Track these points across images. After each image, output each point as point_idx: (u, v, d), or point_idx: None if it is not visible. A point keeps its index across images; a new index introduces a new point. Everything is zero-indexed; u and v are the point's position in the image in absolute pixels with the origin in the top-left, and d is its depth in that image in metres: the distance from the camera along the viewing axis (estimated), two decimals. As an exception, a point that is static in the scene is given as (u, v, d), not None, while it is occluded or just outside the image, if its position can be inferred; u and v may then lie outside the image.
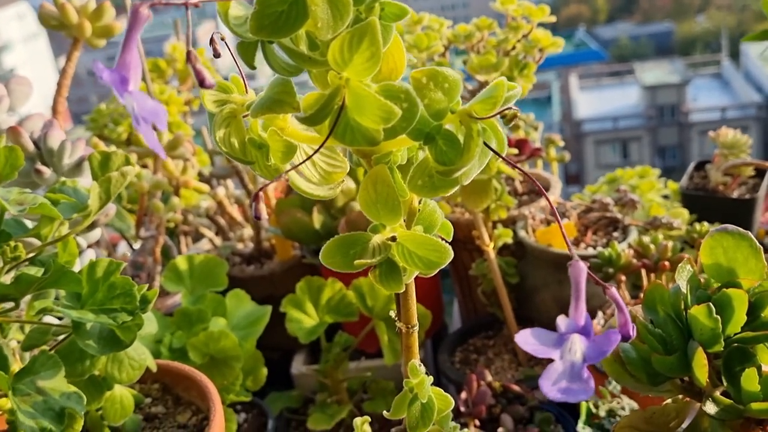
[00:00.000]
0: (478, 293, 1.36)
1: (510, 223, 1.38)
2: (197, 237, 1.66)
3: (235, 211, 1.64)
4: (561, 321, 0.49)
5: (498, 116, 0.56)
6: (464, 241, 1.45)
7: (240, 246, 1.59)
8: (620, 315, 0.51)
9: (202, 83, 0.43)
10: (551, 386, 0.50)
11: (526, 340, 0.50)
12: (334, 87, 0.53)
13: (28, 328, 0.87)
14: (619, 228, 1.33)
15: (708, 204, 1.42)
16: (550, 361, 0.50)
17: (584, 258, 1.19)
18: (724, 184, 1.44)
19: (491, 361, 1.34)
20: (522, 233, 1.33)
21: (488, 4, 1.41)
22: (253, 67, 0.57)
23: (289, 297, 1.27)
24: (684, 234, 1.27)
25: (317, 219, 1.36)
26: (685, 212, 1.40)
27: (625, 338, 0.50)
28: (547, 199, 0.55)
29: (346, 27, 0.52)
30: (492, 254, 1.27)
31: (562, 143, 1.72)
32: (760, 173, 1.47)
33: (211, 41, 0.58)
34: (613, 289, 0.51)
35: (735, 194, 1.43)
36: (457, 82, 0.56)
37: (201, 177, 1.65)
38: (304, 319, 1.27)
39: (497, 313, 1.35)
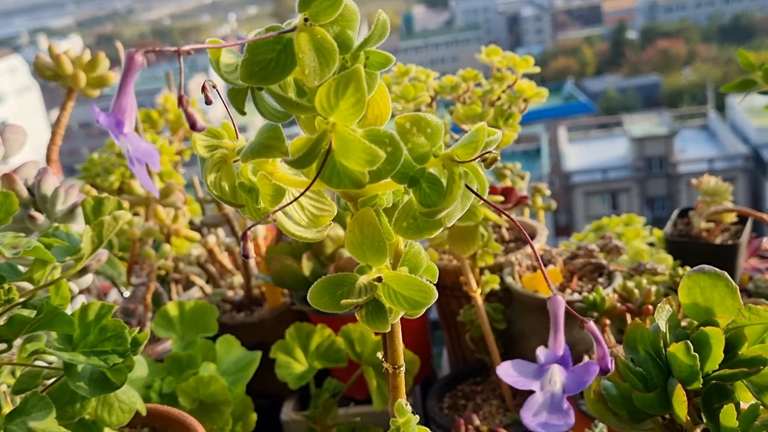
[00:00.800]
0: (467, 339, 1.37)
1: (497, 269, 1.40)
2: (188, 285, 1.67)
3: (225, 259, 1.66)
4: (540, 352, 0.51)
5: (479, 160, 0.59)
6: (452, 288, 1.46)
7: (230, 293, 1.60)
8: (599, 348, 0.52)
9: (193, 126, 0.45)
10: (532, 418, 0.51)
11: (507, 372, 0.52)
12: (321, 131, 0.55)
13: (18, 372, 0.88)
14: (604, 274, 1.35)
15: (692, 250, 1.44)
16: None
17: (570, 303, 1.21)
18: (708, 230, 1.47)
19: (479, 406, 1.35)
20: (509, 279, 1.34)
21: (476, 62, 1.45)
22: (243, 113, 0.60)
23: (279, 343, 1.28)
24: (668, 279, 1.29)
25: (307, 266, 1.38)
26: (669, 258, 1.42)
27: (604, 371, 0.52)
28: (530, 244, 0.57)
29: (332, 74, 0.54)
30: (479, 300, 1.28)
31: (548, 192, 1.75)
32: (742, 220, 1.50)
33: (203, 88, 0.60)
34: (591, 323, 0.52)
35: (718, 240, 1.45)
36: (440, 127, 0.58)
37: (192, 226, 1.67)
38: (294, 364, 1.28)
39: (485, 359, 1.36)
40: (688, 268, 1.23)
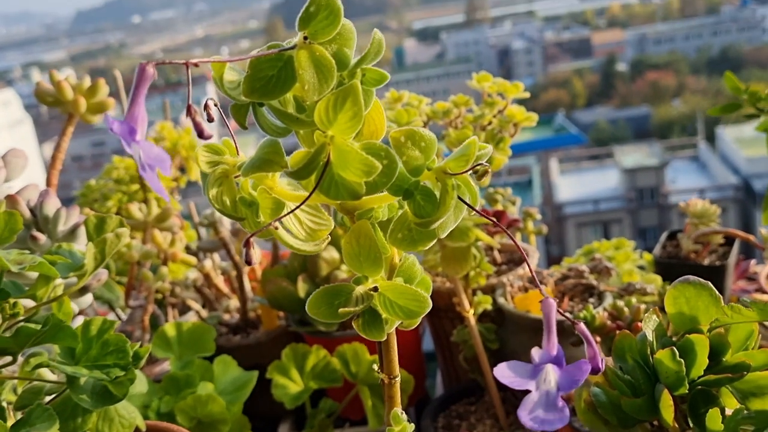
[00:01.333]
0: (460, 360, 1.39)
1: (489, 291, 1.42)
2: (184, 309, 1.69)
3: (221, 283, 1.68)
4: (535, 352, 0.53)
5: (471, 172, 0.61)
6: (445, 309, 1.49)
7: (226, 317, 1.62)
8: (589, 349, 0.55)
9: (201, 135, 0.48)
10: (528, 416, 0.53)
11: (503, 373, 0.54)
12: (320, 144, 0.58)
13: (20, 389, 0.90)
14: (594, 294, 1.38)
15: (680, 271, 1.45)
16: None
17: (561, 322, 1.23)
18: (696, 252, 1.50)
19: (473, 426, 1.37)
20: (501, 300, 1.37)
21: (467, 91, 1.48)
22: (245, 128, 0.62)
23: (275, 363, 1.30)
24: (657, 299, 1.32)
25: (302, 288, 1.40)
26: (659, 279, 1.45)
27: (595, 370, 0.54)
28: (525, 259, 0.59)
29: (330, 90, 0.57)
30: (472, 321, 1.30)
31: (539, 216, 1.78)
32: (729, 241, 1.53)
33: (206, 106, 0.63)
34: (582, 324, 0.55)
35: (706, 261, 1.48)
36: (433, 141, 0.61)
37: (188, 250, 1.69)
38: (290, 385, 1.29)
39: (479, 379, 1.38)
40: (676, 287, 1.26)
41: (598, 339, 1.15)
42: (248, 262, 0.56)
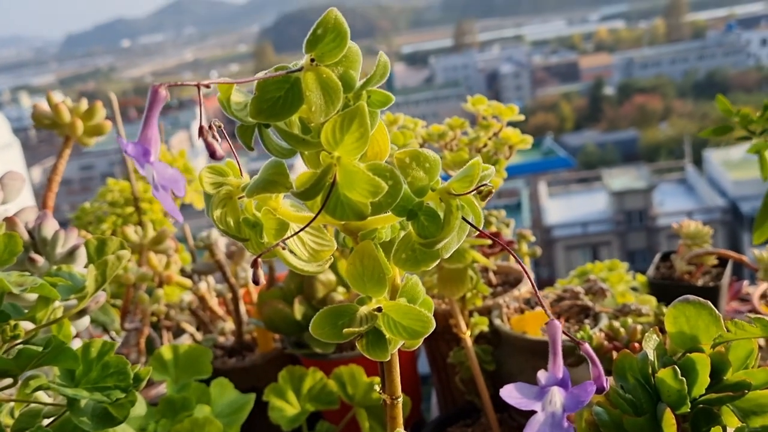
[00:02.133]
0: (456, 382, 1.39)
1: (485, 312, 1.42)
2: (178, 332, 1.68)
3: (216, 305, 1.68)
4: (541, 375, 0.54)
5: (475, 193, 0.62)
6: (441, 331, 1.48)
7: (221, 339, 1.61)
8: (594, 369, 0.55)
9: (213, 155, 0.48)
10: (533, 436, 0.54)
11: (511, 394, 0.54)
12: (326, 165, 0.58)
13: (17, 413, 0.89)
14: (590, 315, 1.38)
15: (674, 292, 1.46)
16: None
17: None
18: (689, 273, 1.51)
19: (470, 448, 1.37)
20: (497, 321, 1.37)
21: (456, 114, 1.50)
22: (251, 149, 0.63)
23: (271, 386, 1.30)
24: (652, 319, 1.32)
25: (298, 310, 1.40)
26: (653, 299, 1.45)
27: (600, 390, 0.55)
28: (529, 278, 0.60)
29: (336, 111, 0.57)
30: (469, 342, 1.31)
31: (533, 238, 1.78)
32: (722, 263, 1.54)
33: (210, 128, 0.63)
34: (587, 345, 0.55)
35: (700, 282, 1.49)
36: (437, 162, 0.62)
37: (183, 273, 1.68)
38: (286, 407, 1.29)
39: (475, 400, 1.38)
40: (672, 307, 1.27)
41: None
42: (255, 282, 0.56)
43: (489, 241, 1.41)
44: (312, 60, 0.57)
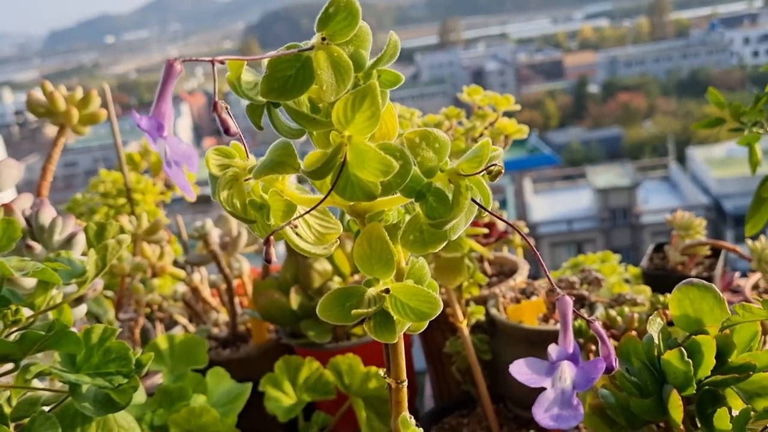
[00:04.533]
0: (452, 371, 1.39)
1: (481, 302, 1.42)
2: (170, 324, 1.67)
3: (209, 296, 1.67)
4: (552, 349, 0.54)
5: (483, 173, 0.62)
6: (437, 321, 1.48)
7: (215, 330, 1.61)
8: (603, 347, 0.55)
9: (227, 131, 0.48)
10: (543, 413, 0.54)
11: (521, 370, 0.54)
12: (337, 144, 0.58)
13: (14, 401, 0.89)
14: (585, 305, 1.39)
15: (668, 283, 1.46)
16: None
17: (553, 333, 1.24)
18: (682, 263, 1.51)
19: (466, 438, 1.37)
20: (494, 311, 1.37)
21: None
22: (260, 128, 0.62)
23: (267, 376, 1.29)
24: (648, 309, 1.33)
25: (294, 300, 1.40)
26: (648, 289, 1.46)
27: (609, 369, 0.55)
28: (538, 259, 0.60)
29: (347, 90, 0.57)
30: (465, 331, 1.31)
31: (527, 230, 1.78)
32: (715, 253, 1.54)
33: (216, 108, 0.63)
34: (597, 324, 0.55)
35: (693, 273, 1.50)
36: (447, 142, 0.61)
37: (176, 264, 1.68)
38: (283, 397, 1.29)
39: (471, 390, 1.38)
40: (668, 295, 1.27)
41: (593, 347, 1.16)
42: (267, 261, 0.56)
43: (485, 231, 1.41)
44: (323, 39, 0.57)
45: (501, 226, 1.70)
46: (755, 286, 1.58)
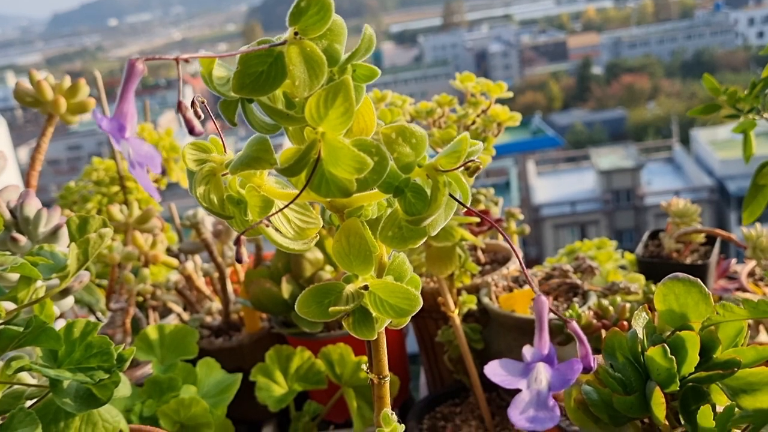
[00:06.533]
0: (445, 360, 1.39)
1: (474, 291, 1.42)
2: (164, 312, 1.67)
3: (203, 285, 1.66)
4: (527, 350, 0.53)
5: (462, 169, 0.61)
6: (429, 310, 1.48)
7: (208, 319, 1.60)
8: (581, 347, 0.54)
9: (191, 131, 0.47)
10: (519, 415, 0.53)
11: (495, 371, 0.53)
12: (311, 141, 0.57)
13: (-1, 395, 0.88)
14: (579, 293, 1.38)
15: (663, 270, 1.47)
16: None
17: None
18: (678, 251, 1.50)
19: (459, 427, 1.36)
20: (486, 300, 1.36)
21: (444, 93, 1.48)
22: (234, 124, 0.61)
23: (258, 365, 1.29)
24: (641, 298, 1.32)
25: (286, 289, 1.39)
26: (642, 278, 1.45)
27: (587, 369, 0.54)
28: (518, 256, 0.59)
29: (321, 86, 0.56)
30: (457, 320, 1.30)
31: (522, 216, 1.78)
32: (710, 240, 1.53)
33: (192, 104, 0.62)
34: (574, 323, 0.54)
35: (688, 260, 1.49)
36: (424, 137, 0.60)
37: (169, 252, 1.67)
38: (274, 387, 1.28)
39: (464, 379, 1.38)
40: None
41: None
42: (239, 260, 0.55)
43: (477, 219, 1.40)
44: (296, 33, 0.55)
45: (495, 212, 1.69)
46: (751, 273, 1.57)
